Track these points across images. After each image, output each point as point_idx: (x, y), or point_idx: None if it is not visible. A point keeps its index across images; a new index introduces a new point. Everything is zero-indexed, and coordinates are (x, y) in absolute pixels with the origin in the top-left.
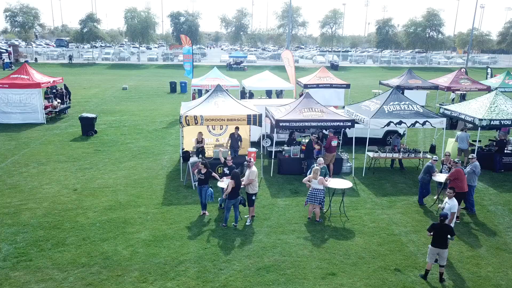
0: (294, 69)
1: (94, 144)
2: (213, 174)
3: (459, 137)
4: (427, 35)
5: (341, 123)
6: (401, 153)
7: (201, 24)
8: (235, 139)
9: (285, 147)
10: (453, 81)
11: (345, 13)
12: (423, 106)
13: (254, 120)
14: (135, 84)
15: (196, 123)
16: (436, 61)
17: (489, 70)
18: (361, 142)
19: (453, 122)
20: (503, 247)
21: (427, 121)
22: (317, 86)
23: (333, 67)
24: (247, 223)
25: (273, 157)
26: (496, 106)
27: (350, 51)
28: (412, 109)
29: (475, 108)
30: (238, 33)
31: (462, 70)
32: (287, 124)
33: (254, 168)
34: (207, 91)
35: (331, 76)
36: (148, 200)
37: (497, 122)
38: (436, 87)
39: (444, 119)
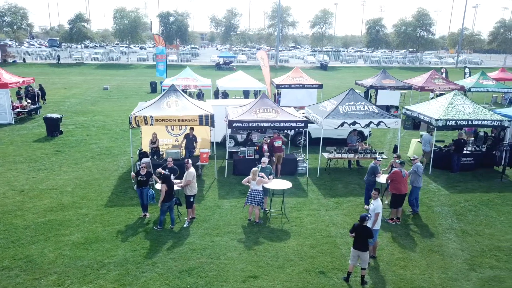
0: (269, 69)
1: (56, 144)
2: (154, 176)
3: (423, 139)
4: (418, 35)
5: (295, 124)
6: (357, 153)
7: (196, 25)
8: (190, 139)
9: (241, 148)
10: (427, 81)
11: (336, 13)
12: (388, 106)
13: (206, 120)
14: (118, 84)
15: (146, 124)
16: (427, 61)
17: (466, 70)
18: (327, 143)
19: (415, 123)
20: (436, 249)
21: (381, 121)
22: (290, 86)
23: (322, 67)
24: (184, 225)
25: (227, 157)
26: (454, 106)
27: (344, 51)
28: (368, 109)
29: (434, 109)
30: (228, 33)
31: (442, 70)
32: (240, 124)
33: (191, 170)
34: (184, 91)
35: (304, 76)
36: (92, 201)
37: (453, 123)
38: (410, 87)
39: (399, 120)
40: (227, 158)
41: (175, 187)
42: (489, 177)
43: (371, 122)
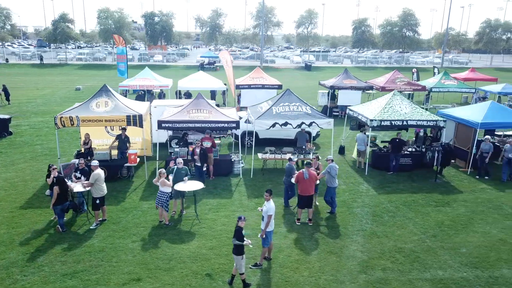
0: (232, 70)
1: (1, 146)
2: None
3: (358, 138)
4: (403, 35)
5: (226, 125)
6: (291, 154)
7: (187, 25)
8: (122, 140)
9: (175, 149)
10: (389, 81)
11: (324, 13)
12: (312, 107)
13: (134, 121)
14: (95, 85)
15: (72, 124)
16: (413, 61)
17: (436, 70)
18: (274, 143)
19: (360, 123)
20: (336, 251)
21: (313, 122)
22: (249, 86)
23: (307, 67)
24: (91, 227)
25: (157, 158)
26: (391, 106)
27: (334, 51)
28: (301, 110)
29: (372, 109)
30: (213, 33)
31: (413, 71)
32: (170, 125)
33: (96, 172)
34: (147, 91)
35: (264, 76)
36: (9, 203)
37: (387, 123)
38: (370, 87)
39: (332, 120)
40: (157, 159)
41: (79, 188)
42: (425, 177)
43: (302, 123)
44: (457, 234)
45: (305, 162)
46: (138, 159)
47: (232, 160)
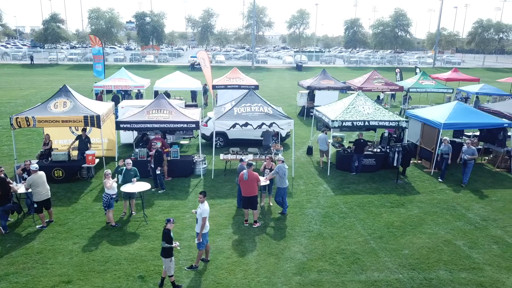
0: (210, 69)
1: None
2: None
3: (319, 138)
4: (396, 35)
5: (185, 125)
6: (256, 155)
7: (180, 25)
8: (82, 141)
9: (135, 149)
10: (367, 81)
11: (317, 13)
12: (274, 108)
13: (91, 121)
14: (80, 85)
15: (28, 125)
16: (406, 61)
17: (417, 70)
18: (244, 143)
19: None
20: (277, 252)
21: (274, 122)
22: (225, 87)
23: (298, 67)
24: (37, 227)
25: (116, 159)
26: (354, 107)
27: (329, 51)
28: (262, 111)
29: (336, 109)
30: (205, 34)
31: (396, 71)
32: (128, 125)
33: (32, 176)
34: (125, 92)
35: (241, 77)
36: None
37: (349, 123)
38: (348, 88)
39: (292, 121)
40: (117, 160)
41: (23, 190)
42: (387, 178)
43: (263, 124)
44: (404, 235)
45: (246, 163)
46: (97, 160)
47: (194, 160)
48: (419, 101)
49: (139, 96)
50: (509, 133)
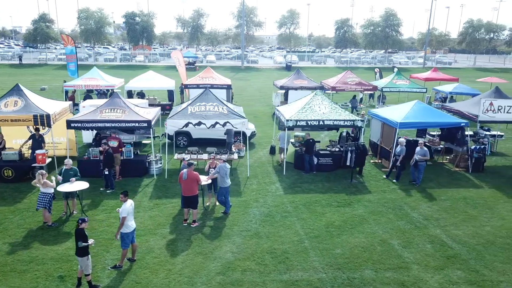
0: (185, 69)
1: None
2: None
3: (280, 136)
4: (386, 35)
5: (137, 124)
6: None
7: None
8: (36, 140)
9: (89, 149)
10: (340, 81)
11: (309, 13)
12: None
13: (41, 120)
14: (62, 85)
15: None
16: (397, 61)
17: (395, 70)
18: (207, 143)
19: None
20: (207, 252)
21: (227, 122)
22: (197, 86)
23: (287, 67)
24: None
25: (66, 159)
26: (310, 106)
27: (323, 51)
28: (217, 110)
29: (293, 109)
30: (195, 34)
31: (376, 70)
32: (79, 124)
33: None
34: (102, 92)
35: (214, 76)
36: None
37: (303, 123)
38: (321, 87)
39: (246, 120)
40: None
41: None
42: (343, 177)
43: (217, 123)
44: (341, 235)
45: (187, 162)
46: (48, 159)
47: (148, 160)
48: (398, 101)
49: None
50: (466, 133)
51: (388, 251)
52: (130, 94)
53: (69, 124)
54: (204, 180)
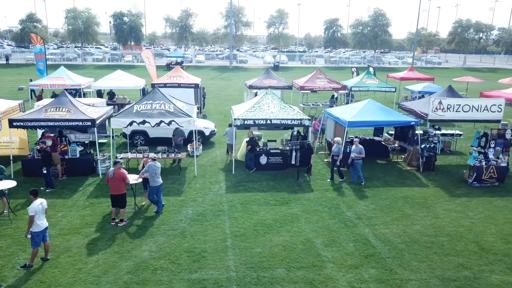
0: (155, 68)
1: None
2: None
3: (227, 132)
4: (375, 35)
5: (80, 123)
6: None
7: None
8: None
9: (34, 148)
10: (310, 80)
11: (300, 13)
12: (176, 105)
13: None
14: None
15: None
16: (386, 61)
17: (371, 69)
18: (163, 142)
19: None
20: (124, 251)
21: (173, 120)
22: (165, 85)
23: (275, 67)
24: None
25: (11, 158)
26: (259, 106)
27: (316, 51)
28: (163, 108)
29: (244, 108)
30: (183, 34)
31: (353, 70)
32: (21, 123)
33: None
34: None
35: (182, 76)
36: None
37: (251, 122)
38: (290, 87)
39: (191, 119)
40: (11, 159)
41: None
42: (292, 176)
43: (161, 121)
44: (267, 233)
45: (114, 161)
46: None
47: (96, 159)
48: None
49: (76, 94)
50: (417, 132)
51: (308, 249)
52: (100, 94)
53: (11, 123)
54: (134, 179)
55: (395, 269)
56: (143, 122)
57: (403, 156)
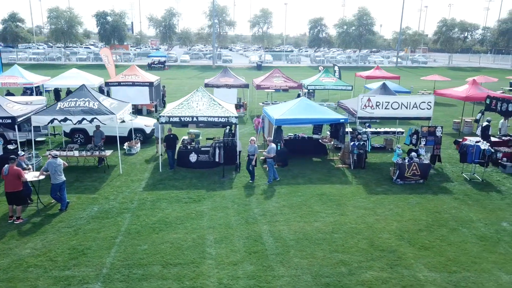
0: (114, 67)
1: None
2: None
3: (155, 125)
4: (360, 34)
5: (0, 120)
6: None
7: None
8: None
9: None
10: (266, 79)
11: (286, 12)
12: (100, 103)
13: None
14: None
15: None
16: (372, 60)
17: (336, 68)
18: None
19: None
20: (6, 248)
21: (95, 117)
22: (119, 84)
23: (258, 67)
24: None
25: None
26: (188, 103)
27: (307, 50)
28: (87, 106)
29: (174, 104)
30: (167, 33)
31: (320, 68)
32: None
33: None
34: (30, 90)
35: (138, 74)
36: None
37: (176, 119)
38: (246, 85)
39: (114, 116)
40: None
41: None
42: (218, 174)
43: (84, 119)
44: (163, 231)
45: (9, 157)
46: None
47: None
48: (340, 99)
49: (28, 93)
50: (347, 129)
51: (196, 246)
52: (57, 92)
53: None
54: (35, 176)
55: (273, 265)
56: (65, 120)
57: (339, 154)
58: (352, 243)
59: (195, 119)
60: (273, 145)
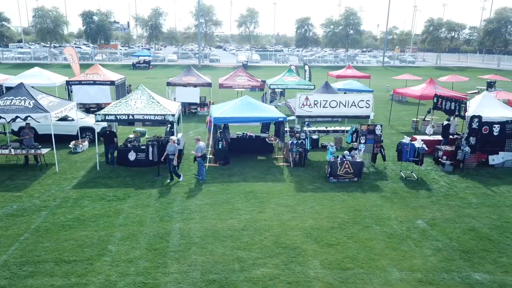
0: (78, 66)
1: None
2: None
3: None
4: (347, 34)
5: None
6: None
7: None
8: None
9: None
10: (230, 78)
11: (275, 12)
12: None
13: None
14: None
15: None
16: (360, 60)
17: (306, 67)
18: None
19: None
20: None
21: (29, 115)
22: (80, 82)
23: (244, 66)
24: None
25: None
26: (126, 101)
27: (298, 50)
28: (22, 104)
29: (114, 103)
30: (153, 33)
31: (292, 67)
32: None
33: None
34: None
35: (99, 73)
36: None
37: (112, 117)
38: (209, 84)
39: (48, 114)
40: None
41: None
42: (154, 173)
43: (17, 117)
44: (73, 228)
45: None
46: None
47: None
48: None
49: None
50: (286, 128)
51: (99, 243)
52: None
53: None
54: None
55: (168, 262)
56: None
57: (284, 152)
58: (257, 240)
59: (130, 117)
60: (201, 143)
